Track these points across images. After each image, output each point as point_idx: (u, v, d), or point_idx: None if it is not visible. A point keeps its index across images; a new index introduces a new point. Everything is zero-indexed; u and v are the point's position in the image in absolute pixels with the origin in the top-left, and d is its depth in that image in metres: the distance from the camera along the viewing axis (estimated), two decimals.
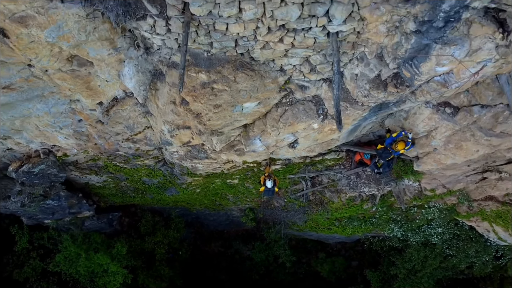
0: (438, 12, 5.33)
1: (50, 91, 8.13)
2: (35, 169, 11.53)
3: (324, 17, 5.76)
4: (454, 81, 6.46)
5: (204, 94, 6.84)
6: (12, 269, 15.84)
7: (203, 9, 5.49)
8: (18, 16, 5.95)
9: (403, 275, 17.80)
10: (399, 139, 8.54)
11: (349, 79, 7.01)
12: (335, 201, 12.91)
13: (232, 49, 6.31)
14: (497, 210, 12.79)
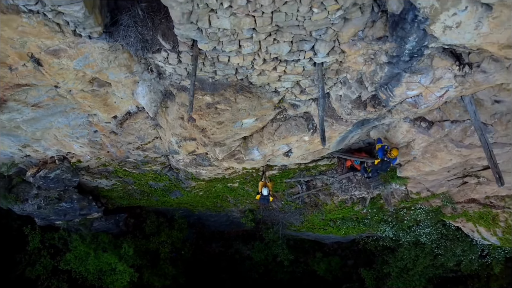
0: (403, 49, 6.60)
1: (72, 108, 9.40)
2: (51, 174, 12.81)
3: (310, 51, 7.02)
4: (423, 103, 7.73)
5: (209, 113, 8.13)
6: (24, 267, 17.12)
7: (209, 45, 6.75)
8: (52, 49, 7.21)
9: (396, 274, 19.06)
10: (391, 148, 9.75)
11: (334, 100, 8.28)
12: (329, 203, 14.20)
13: (233, 75, 7.58)
14: (479, 211, 14.06)
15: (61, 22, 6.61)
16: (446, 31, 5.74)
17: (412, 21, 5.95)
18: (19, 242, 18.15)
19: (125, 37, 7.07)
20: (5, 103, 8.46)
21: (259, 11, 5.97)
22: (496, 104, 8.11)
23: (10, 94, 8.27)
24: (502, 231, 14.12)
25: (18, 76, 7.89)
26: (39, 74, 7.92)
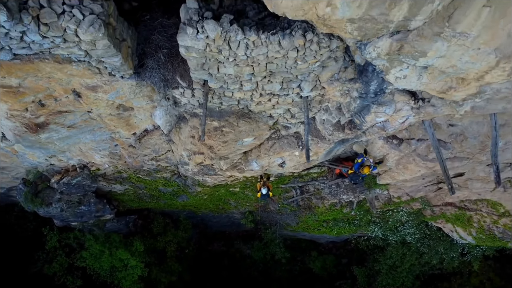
0: (369, 89, 8.78)
1: (99, 127, 11.57)
2: (73, 180, 15.00)
3: (297, 88, 9.20)
4: (390, 127, 9.91)
5: (216, 135, 10.32)
6: (42, 265, 19.31)
7: (217, 85, 8.93)
8: (91, 85, 9.37)
9: (385, 271, 21.33)
10: (364, 164, 11.97)
11: (319, 123, 10.46)
12: (320, 206, 16.43)
13: (235, 105, 9.76)
14: (455, 213, 16.30)
15: (101, 67, 8.78)
16: (397, 80, 7.91)
17: (372, 71, 8.14)
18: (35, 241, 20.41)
19: (150, 76, 9.26)
20: (47, 126, 10.65)
21: (256, 62, 8.15)
22: (450, 127, 10.30)
23: (52, 118, 10.46)
24: (476, 231, 16.36)
25: (60, 105, 10.06)
26: (77, 103, 10.10)
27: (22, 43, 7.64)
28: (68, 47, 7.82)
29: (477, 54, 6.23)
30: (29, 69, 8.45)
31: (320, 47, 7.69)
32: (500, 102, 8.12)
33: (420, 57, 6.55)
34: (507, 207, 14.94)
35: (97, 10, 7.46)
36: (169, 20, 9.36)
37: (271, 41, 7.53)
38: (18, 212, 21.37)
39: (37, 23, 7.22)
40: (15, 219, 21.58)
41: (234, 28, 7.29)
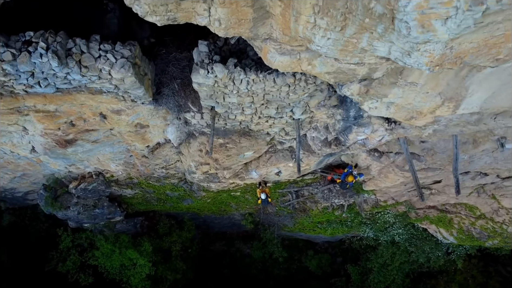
0: (349, 114, 10.93)
1: (118, 141, 13.71)
2: (89, 186, 17.14)
3: (290, 112, 11.34)
4: (369, 144, 12.07)
5: (221, 150, 12.47)
6: (56, 263, 21.40)
7: (222, 110, 11.07)
8: (116, 109, 11.50)
9: (377, 269, 23.47)
10: (348, 174, 14.16)
11: (309, 139, 12.61)
12: (314, 209, 18.61)
13: (238, 126, 11.91)
14: (438, 215, 18.48)
15: (126, 96, 10.90)
16: (370, 110, 10.03)
17: (350, 101, 10.29)
18: (48, 241, 22.55)
19: (166, 102, 11.41)
20: (75, 142, 12.79)
21: (255, 94, 10.28)
22: (422, 143, 12.46)
23: (80, 136, 12.60)
24: (457, 231, 18.57)
25: (88, 125, 12.20)
26: (102, 124, 12.22)
27: (65, 80, 9.76)
28: (101, 82, 9.96)
29: (426, 97, 8.37)
30: (67, 99, 10.59)
31: (307, 83, 9.84)
32: (455, 128, 10.28)
33: (383, 98, 8.68)
34: (482, 210, 17.13)
35: (126, 54, 9.60)
36: (181, 54, 11.50)
37: (268, 79, 9.66)
38: (30, 214, 23.54)
39: (79, 66, 9.36)
40: (28, 221, 23.69)
41: (238, 70, 9.43)
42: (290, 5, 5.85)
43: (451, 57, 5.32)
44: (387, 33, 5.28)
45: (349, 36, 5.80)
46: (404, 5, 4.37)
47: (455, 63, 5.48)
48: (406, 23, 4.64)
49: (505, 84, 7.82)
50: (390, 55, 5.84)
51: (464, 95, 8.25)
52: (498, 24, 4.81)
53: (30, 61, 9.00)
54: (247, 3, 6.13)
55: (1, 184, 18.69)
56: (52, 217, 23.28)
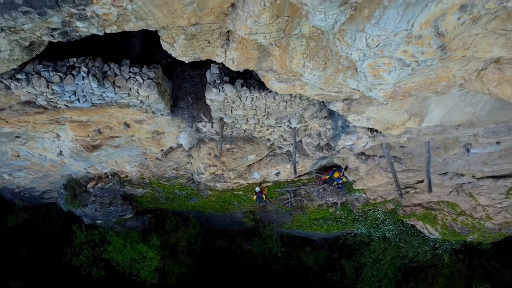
0: (337, 124, 13.39)
1: (136, 146, 16.15)
2: (106, 186, 19.59)
3: (287, 122, 13.80)
4: (356, 149, 14.55)
5: (227, 154, 14.92)
6: (70, 257, 23.85)
7: (229, 120, 13.53)
8: (138, 119, 13.93)
9: (370, 263, 25.95)
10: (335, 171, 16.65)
11: (304, 144, 15.07)
12: (310, 206, 21.09)
13: (243, 133, 14.37)
14: (423, 212, 20.95)
15: (148, 109, 13.33)
16: (354, 121, 12.49)
17: (337, 114, 12.76)
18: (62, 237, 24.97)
19: (181, 114, 13.85)
20: (101, 147, 15.23)
21: (258, 108, 12.73)
22: (402, 148, 14.93)
23: (105, 141, 15.04)
24: (441, 227, 21.03)
25: (113, 133, 14.63)
26: (125, 131, 14.66)
27: (100, 97, 12.20)
28: (130, 99, 12.39)
29: (396, 113, 10.85)
30: (99, 112, 13.03)
31: (301, 100, 12.30)
32: (426, 136, 12.78)
33: (362, 114, 11.15)
34: (462, 207, 19.61)
35: (151, 75, 12.04)
36: (194, 72, 13.94)
37: (268, 96, 12.11)
38: (44, 212, 25.97)
39: (113, 86, 11.79)
40: (41, 218, 26.10)
41: (244, 89, 11.88)
42: (286, 51, 8.29)
43: (400, 92, 7.77)
44: (354, 76, 7.71)
45: (329, 74, 8.24)
46: (360, 64, 6.79)
47: (404, 96, 7.93)
48: (364, 73, 7.07)
49: (457, 104, 10.30)
50: (359, 88, 8.28)
51: (426, 112, 10.72)
52: (430, 72, 7.27)
53: (74, 83, 11.44)
54: (254, 48, 8.55)
55: (23, 183, 21.12)
56: (65, 215, 25.87)
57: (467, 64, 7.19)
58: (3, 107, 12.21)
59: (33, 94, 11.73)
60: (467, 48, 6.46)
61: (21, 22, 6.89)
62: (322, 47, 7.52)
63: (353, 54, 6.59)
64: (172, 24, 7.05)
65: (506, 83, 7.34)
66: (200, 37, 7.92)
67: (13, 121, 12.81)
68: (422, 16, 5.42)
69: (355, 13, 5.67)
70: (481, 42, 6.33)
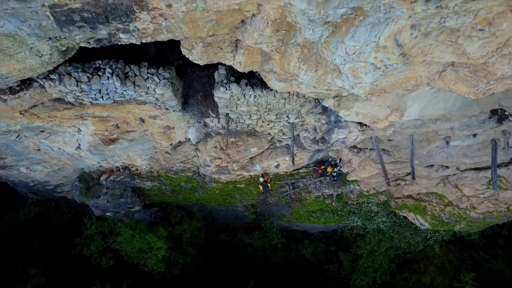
0: (330, 119, 15.48)
1: (148, 140, 18.20)
2: (117, 179, 21.63)
3: (286, 117, 15.87)
4: (348, 142, 16.62)
5: (232, 147, 16.99)
6: (81, 248, 25.84)
7: (234, 116, 15.61)
8: (153, 115, 15.97)
9: (365, 255, 28.00)
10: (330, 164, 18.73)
11: (301, 138, 17.15)
12: (308, 198, 23.15)
13: (246, 128, 16.45)
14: (414, 204, 23.03)
15: (162, 105, 15.38)
16: (345, 116, 14.56)
17: (330, 110, 14.83)
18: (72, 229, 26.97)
19: (191, 110, 15.92)
20: (117, 140, 17.27)
21: (260, 104, 14.79)
22: (389, 141, 17.01)
23: (121, 136, 17.08)
24: (430, 218, 23.11)
25: (129, 127, 16.68)
26: (140, 126, 16.71)
27: (121, 95, 14.25)
28: (147, 96, 14.44)
29: (379, 108, 12.92)
30: (119, 108, 15.08)
31: (298, 97, 14.37)
32: (408, 129, 14.86)
33: (351, 109, 13.23)
34: (449, 198, 21.70)
35: (167, 76, 14.11)
36: (202, 73, 16.00)
37: (269, 94, 14.18)
38: (54, 207, 28.02)
39: (133, 85, 13.85)
40: (52, 212, 28.13)
41: (248, 88, 13.95)
42: (285, 56, 10.35)
43: (377, 90, 9.84)
44: (340, 76, 9.78)
45: (320, 75, 10.31)
46: (342, 67, 8.84)
47: (381, 93, 10.00)
48: (346, 74, 9.12)
49: (431, 100, 12.39)
50: (344, 87, 10.35)
51: (405, 107, 12.81)
52: (399, 73, 9.33)
53: (100, 82, 13.50)
54: (257, 53, 10.61)
55: (38, 177, 23.14)
56: (74, 209, 27.98)
57: (429, 67, 9.27)
58: (36, 103, 14.25)
59: (63, 92, 13.79)
60: (425, 55, 8.55)
61: (75, 34, 8.95)
62: (313, 53, 9.59)
63: (336, 60, 8.66)
64: (193, 35, 9.10)
65: (461, 82, 9.42)
66: (214, 45, 9.98)
67: (44, 116, 14.85)
68: (385, 32, 7.50)
69: (336, 29, 7.73)
70: (436, 50, 8.42)
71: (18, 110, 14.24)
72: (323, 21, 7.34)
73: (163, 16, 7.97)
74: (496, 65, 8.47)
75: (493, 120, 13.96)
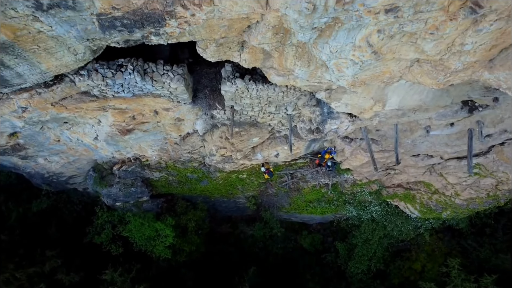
0: (324, 111, 18.09)
1: (160, 131, 20.78)
2: (129, 169, 24.20)
3: (284, 109, 18.49)
4: (340, 132, 19.24)
5: (236, 136, 19.60)
6: (92, 236, 28.36)
7: (239, 108, 18.23)
8: (166, 107, 18.57)
9: (360, 244, 30.54)
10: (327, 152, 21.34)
11: (298, 129, 19.76)
12: (305, 187, 25.74)
13: (249, 119, 19.06)
14: (404, 193, 25.63)
15: (174, 98, 17.97)
16: (336, 107, 17.16)
17: (323, 102, 17.45)
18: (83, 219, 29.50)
19: (200, 103, 18.54)
20: (133, 131, 19.85)
21: (261, 97, 17.40)
22: (377, 131, 19.62)
23: (137, 126, 19.67)
24: (419, 206, 25.70)
25: (144, 119, 19.27)
26: (154, 117, 19.29)
27: (140, 89, 16.84)
28: (162, 90, 17.03)
29: (364, 99, 15.53)
30: (137, 101, 17.66)
31: (295, 91, 16.97)
32: (392, 119, 17.47)
33: (340, 100, 15.84)
34: (436, 186, 24.29)
35: (180, 72, 16.71)
36: (210, 70, 18.62)
37: (270, 88, 16.78)
38: (65, 198, 30.59)
39: (151, 80, 16.45)
40: (63, 203, 30.68)
41: (251, 83, 16.55)
42: (282, 54, 12.95)
43: (358, 82, 12.44)
44: (327, 71, 12.38)
45: (311, 70, 12.91)
46: (328, 63, 11.43)
47: (362, 84, 12.60)
48: (332, 69, 11.72)
49: (407, 92, 15.00)
50: (332, 80, 12.95)
51: (386, 99, 15.42)
52: (374, 68, 11.93)
53: (123, 77, 16.09)
54: (260, 52, 13.20)
55: (53, 168, 25.69)
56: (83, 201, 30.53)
57: (399, 62, 11.88)
58: (65, 96, 16.84)
59: (90, 86, 16.39)
60: (394, 53, 11.16)
61: (114, 36, 11.55)
62: (305, 51, 12.21)
63: (323, 57, 11.26)
64: (209, 38, 11.70)
65: (425, 75, 12.04)
66: (224, 45, 12.58)
67: (71, 107, 17.43)
68: (359, 35, 10.10)
69: (321, 33, 10.32)
70: (401, 49, 11.03)
71: (50, 102, 16.80)
72: (310, 27, 9.94)
73: (188, 23, 10.57)
74: (450, 61, 11.09)
75: (465, 111, 16.59)
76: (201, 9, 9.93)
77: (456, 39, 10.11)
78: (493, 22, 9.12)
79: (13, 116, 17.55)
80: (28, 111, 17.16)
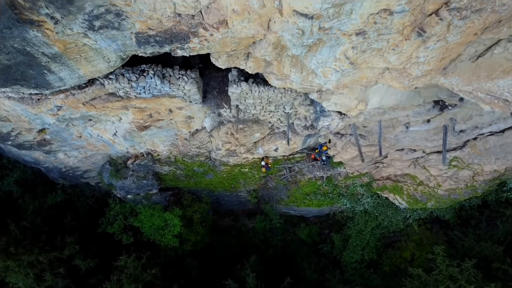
0: (317, 109, 21.89)
1: (172, 128, 24.55)
2: (142, 163, 27.96)
3: (283, 108, 22.29)
4: (332, 128, 23.05)
5: (240, 132, 23.38)
6: (105, 226, 32.06)
7: (243, 107, 22.03)
8: (179, 107, 22.33)
9: (354, 234, 34.28)
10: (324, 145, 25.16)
11: (295, 125, 23.55)
12: (302, 180, 29.53)
13: (252, 116, 22.86)
14: (392, 185, 29.40)
15: (187, 99, 21.73)
16: (327, 106, 20.95)
17: (316, 102, 21.26)
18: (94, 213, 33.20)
19: (209, 103, 22.33)
20: (149, 127, 23.61)
21: (263, 98, 21.19)
22: (364, 128, 23.40)
23: (153, 123, 23.44)
24: (406, 197, 29.47)
25: (159, 116, 23.03)
26: (168, 115, 23.04)
27: (158, 90, 20.60)
28: (177, 92, 20.79)
29: (349, 100, 19.33)
30: (155, 101, 21.42)
31: (292, 92, 20.76)
32: (375, 116, 21.28)
33: (330, 100, 19.64)
34: (420, 178, 28.05)
35: (193, 76, 20.51)
36: (217, 74, 22.42)
37: (270, 89, 20.57)
38: (79, 192, 34.32)
39: (169, 83, 20.22)
40: (76, 197, 34.41)
41: (254, 85, 20.34)
42: (281, 63, 16.72)
43: (341, 85, 16.22)
44: (316, 77, 16.16)
45: (304, 76, 16.70)
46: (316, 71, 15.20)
47: (344, 87, 16.38)
48: (319, 75, 15.49)
49: (385, 93, 18.80)
50: (320, 83, 16.72)
51: (368, 99, 19.21)
52: (353, 74, 15.72)
53: (145, 81, 19.86)
54: (262, 61, 16.98)
55: (71, 163, 29.46)
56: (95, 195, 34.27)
57: (373, 70, 15.66)
58: (95, 97, 20.58)
59: (117, 88, 20.15)
60: (367, 63, 14.95)
61: (147, 49, 15.33)
62: (299, 61, 16.01)
63: (312, 66, 15.04)
64: (222, 51, 15.49)
65: (394, 80, 15.83)
66: (234, 56, 16.37)
67: (99, 106, 21.18)
68: (338, 51, 13.88)
69: (310, 48, 14.10)
70: (373, 60, 14.81)
71: (82, 101, 20.55)
72: (301, 45, 13.73)
73: (207, 40, 14.35)
74: (411, 69, 14.87)
75: (436, 109, 20.39)
76: (218, 31, 13.72)
77: (413, 53, 13.89)
78: (436, 42, 12.89)
79: (48, 114, 21.29)
80: (62, 109, 20.90)
